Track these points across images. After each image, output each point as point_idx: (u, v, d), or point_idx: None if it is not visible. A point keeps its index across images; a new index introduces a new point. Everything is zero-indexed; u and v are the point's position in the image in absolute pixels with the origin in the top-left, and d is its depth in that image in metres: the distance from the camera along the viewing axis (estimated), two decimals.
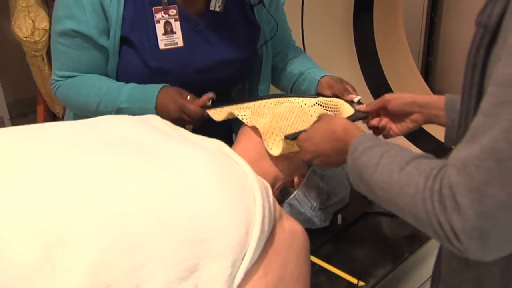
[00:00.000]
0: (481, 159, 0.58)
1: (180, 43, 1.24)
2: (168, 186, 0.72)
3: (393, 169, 0.70)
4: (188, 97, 1.15)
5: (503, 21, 0.62)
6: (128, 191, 0.69)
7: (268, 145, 0.99)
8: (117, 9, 1.18)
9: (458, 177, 0.60)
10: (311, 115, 1.03)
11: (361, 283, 1.01)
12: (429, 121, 1.03)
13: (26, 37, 2.35)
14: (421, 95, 1.03)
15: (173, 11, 1.22)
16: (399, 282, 1.15)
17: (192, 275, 0.68)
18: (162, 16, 1.22)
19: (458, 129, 0.75)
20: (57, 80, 1.28)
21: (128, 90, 1.19)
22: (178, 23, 1.23)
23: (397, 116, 1.06)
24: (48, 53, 2.44)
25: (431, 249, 1.14)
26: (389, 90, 2.16)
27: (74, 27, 1.18)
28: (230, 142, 1.02)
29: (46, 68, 2.52)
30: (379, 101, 1.07)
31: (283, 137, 0.99)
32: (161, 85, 1.18)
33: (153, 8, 1.21)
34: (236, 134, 1.46)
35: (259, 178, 0.82)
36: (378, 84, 2.16)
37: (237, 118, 1.05)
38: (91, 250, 0.63)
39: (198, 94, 1.29)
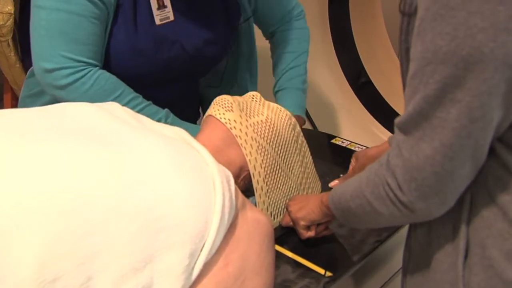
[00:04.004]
0: (413, 120, 0.70)
1: (171, 16, 1.24)
2: (124, 175, 0.72)
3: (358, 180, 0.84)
4: None
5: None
6: (81, 180, 0.69)
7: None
8: None
9: (399, 136, 0.73)
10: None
11: (328, 274, 1.02)
12: None
13: None
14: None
15: None
16: (368, 272, 1.16)
17: (147, 266, 0.68)
18: None
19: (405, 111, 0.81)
20: (85, 66, 1.16)
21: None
22: None
23: None
24: (14, 38, 2.39)
25: (401, 239, 1.15)
26: (366, 76, 2.17)
27: None
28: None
29: (12, 54, 2.46)
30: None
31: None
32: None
33: None
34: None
35: (220, 167, 0.82)
36: (354, 70, 2.16)
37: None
38: (37, 241, 0.63)
39: (180, 75, 1.32)
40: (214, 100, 1.07)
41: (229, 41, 1.41)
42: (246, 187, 1.05)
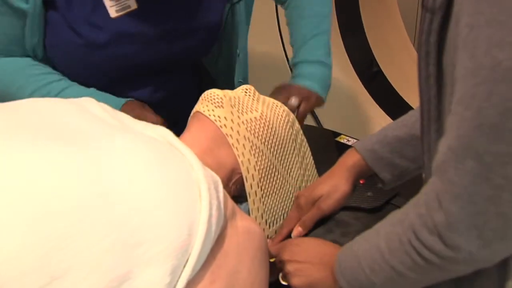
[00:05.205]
0: (458, 161, 0.64)
1: (134, 4, 1.18)
2: (96, 181, 0.70)
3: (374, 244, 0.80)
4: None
5: (453, 5, 0.64)
6: (47, 188, 0.68)
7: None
8: None
9: (442, 184, 0.67)
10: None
11: None
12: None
13: None
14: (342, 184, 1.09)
15: None
16: None
17: (123, 285, 0.67)
18: None
19: (422, 121, 0.80)
20: None
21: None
22: None
23: None
24: None
25: None
26: (376, 66, 2.16)
27: None
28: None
29: None
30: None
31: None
32: (124, 100, 1.16)
33: None
34: None
35: (208, 171, 0.81)
36: (363, 59, 2.15)
37: None
38: None
39: (155, 69, 1.28)
40: (202, 95, 1.05)
41: (219, 23, 1.34)
42: (238, 192, 1.04)
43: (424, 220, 0.70)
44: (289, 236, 1.10)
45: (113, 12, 1.17)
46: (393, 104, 2.11)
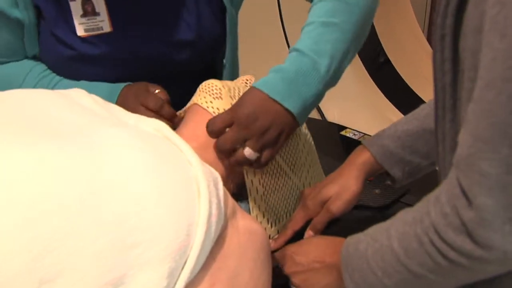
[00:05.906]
0: (491, 151, 0.62)
1: (107, 27, 1.16)
2: (91, 180, 0.70)
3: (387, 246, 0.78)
4: (157, 90, 1.10)
5: None
6: (37, 185, 0.67)
7: None
8: None
9: (470, 179, 0.65)
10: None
11: None
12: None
13: None
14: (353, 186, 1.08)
15: None
16: None
17: None
18: None
19: (436, 110, 0.79)
20: None
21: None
22: (103, 1, 1.14)
23: None
24: None
25: None
26: (384, 55, 2.15)
27: None
28: None
29: None
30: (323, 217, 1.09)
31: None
32: (124, 84, 1.15)
33: None
34: None
35: (207, 168, 0.81)
36: (370, 47, 2.14)
37: None
38: None
39: (156, 78, 1.22)
40: (200, 86, 1.05)
41: (217, 38, 1.29)
42: (238, 190, 1.03)
43: (450, 220, 0.69)
44: (293, 237, 1.09)
45: (81, 31, 1.15)
46: (401, 96, 2.10)
